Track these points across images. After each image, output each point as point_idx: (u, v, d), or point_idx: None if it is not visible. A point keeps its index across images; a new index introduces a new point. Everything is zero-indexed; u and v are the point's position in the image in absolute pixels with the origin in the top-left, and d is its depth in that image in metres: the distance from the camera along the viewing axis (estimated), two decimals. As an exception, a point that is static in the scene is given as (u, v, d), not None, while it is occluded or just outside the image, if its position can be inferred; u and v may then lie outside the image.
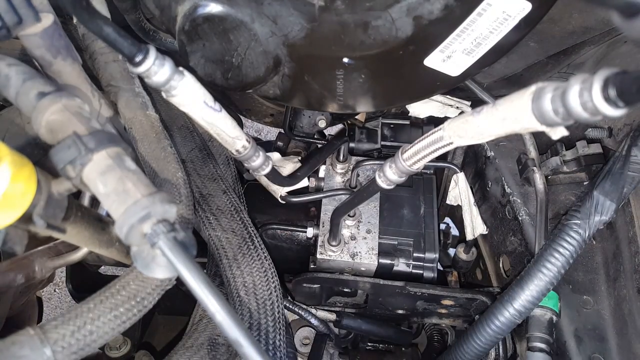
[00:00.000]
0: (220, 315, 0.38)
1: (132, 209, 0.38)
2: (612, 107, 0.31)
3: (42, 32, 0.55)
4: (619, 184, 0.67)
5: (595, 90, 0.31)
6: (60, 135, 0.41)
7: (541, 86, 0.36)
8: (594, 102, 0.32)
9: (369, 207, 0.88)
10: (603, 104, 0.31)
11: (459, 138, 0.45)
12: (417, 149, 0.50)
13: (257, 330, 0.60)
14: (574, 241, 0.67)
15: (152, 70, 0.45)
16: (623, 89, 0.30)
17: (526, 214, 0.85)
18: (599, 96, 0.31)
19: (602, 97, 0.31)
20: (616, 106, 0.31)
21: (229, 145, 0.59)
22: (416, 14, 0.57)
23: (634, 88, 0.29)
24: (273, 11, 0.58)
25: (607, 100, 0.31)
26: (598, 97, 0.31)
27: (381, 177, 0.57)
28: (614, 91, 0.30)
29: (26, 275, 0.64)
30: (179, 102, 0.50)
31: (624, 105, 0.31)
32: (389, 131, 1.03)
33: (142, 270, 0.42)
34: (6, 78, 0.48)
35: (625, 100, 0.30)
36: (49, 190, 0.42)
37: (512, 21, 0.58)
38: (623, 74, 0.30)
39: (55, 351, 0.41)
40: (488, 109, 0.41)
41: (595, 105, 0.32)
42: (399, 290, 0.81)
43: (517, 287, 0.69)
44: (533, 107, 0.36)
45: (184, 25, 0.59)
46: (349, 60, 0.64)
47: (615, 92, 0.30)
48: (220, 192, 0.77)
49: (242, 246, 0.69)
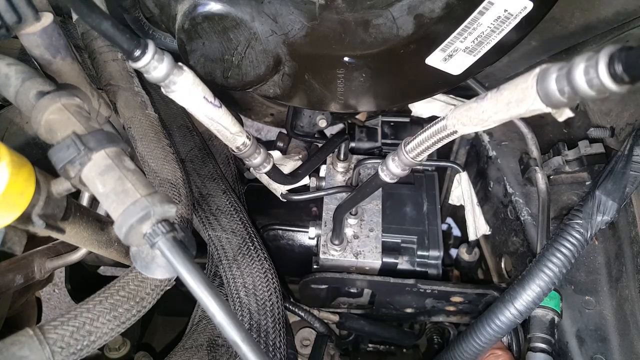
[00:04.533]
0: (219, 316, 0.37)
1: (131, 209, 0.37)
2: (619, 83, 0.31)
3: (42, 31, 0.54)
4: (621, 183, 0.66)
5: (601, 66, 0.31)
6: (60, 134, 0.41)
7: (545, 67, 0.36)
8: (600, 79, 0.31)
9: (372, 206, 0.88)
10: (609, 81, 0.31)
11: (463, 126, 0.44)
12: (421, 139, 0.49)
13: (257, 331, 0.60)
14: (576, 241, 0.67)
15: (151, 65, 0.44)
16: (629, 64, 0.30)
17: (528, 214, 0.85)
18: (605, 72, 0.31)
19: (608, 74, 0.31)
20: (622, 82, 0.31)
21: (229, 142, 0.58)
22: (417, 12, 0.57)
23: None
24: (273, 10, 0.57)
25: (613, 76, 0.31)
26: (604, 74, 0.31)
27: (384, 171, 0.56)
28: (620, 67, 0.30)
29: (25, 276, 0.64)
30: (179, 98, 0.49)
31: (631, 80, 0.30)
32: (389, 129, 1.02)
33: (142, 270, 0.41)
34: (5, 77, 0.48)
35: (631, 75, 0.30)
36: (48, 190, 0.42)
37: (514, 20, 0.58)
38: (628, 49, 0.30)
39: (55, 352, 0.41)
40: (492, 94, 0.40)
41: (602, 82, 0.31)
42: (409, 289, 0.80)
43: (518, 286, 0.69)
44: (538, 89, 0.36)
45: (183, 23, 0.59)
46: (349, 59, 0.63)
47: (621, 67, 0.30)
48: (220, 192, 0.77)
49: (242, 246, 0.69)
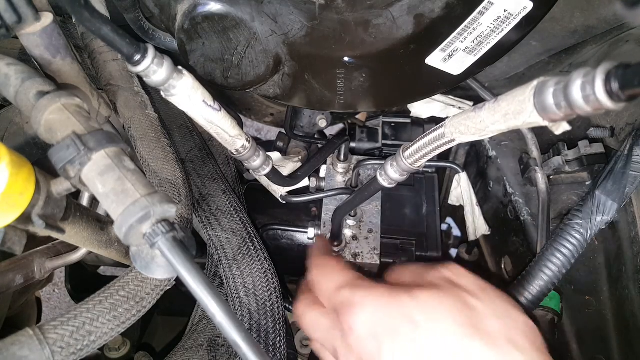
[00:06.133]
0: (219, 316, 0.37)
1: (131, 209, 0.37)
2: (615, 100, 0.31)
3: (42, 31, 0.54)
4: (621, 183, 0.66)
5: (598, 83, 0.31)
6: (59, 134, 0.41)
7: (543, 80, 0.36)
8: (597, 96, 0.31)
9: (371, 207, 0.88)
10: (605, 98, 0.31)
11: (461, 135, 0.45)
12: (419, 146, 0.50)
13: (257, 331, 0.60)
14: (576, 241, 0.67)
15: (151, 70, 0.45)
16: (625, 81, 0.30)
17: (528, 214, 0.85)
18: (602, 90, 0.31)
19: (604, 91, 0.31)
20: (619, 99, 0.31)
21: (228, 145, 0.58)
22: (417, 12, 0.57)
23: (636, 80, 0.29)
24: (273, 10, 0.57)
25: (610, 94, 0.31)
26: (600, 91, 0.31)
27: (382, 176, 0.56)
28: (616, 84, 0.30)
29: (25, 276, 0.64)
30: (178, 102, 0.49)
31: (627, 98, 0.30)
32: (390, 130, 1.02)
33: (142, 270, 0.41)
34: (5, 77, 0.48)
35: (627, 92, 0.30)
36: (48, 190, 0.42)
37: (514, 20, 0.58)
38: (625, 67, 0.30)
39: (54, 352, 0.41)
40: (490, 105, 0.41)
41: (598, 99, 0.31)
42: None
43: (518, 286, 0.69)
44: (535, 102, 0.36)
45: (183, 23, 0.59)
46: (349, 59, 0.63)
47: (617, 85, 0.30)
48: (220, 192, 0.77)
49: (242, 246, 0.69)
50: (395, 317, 0.48)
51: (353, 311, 0.50)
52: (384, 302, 0.50)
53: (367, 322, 0.49)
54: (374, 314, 0.50)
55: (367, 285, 0.53)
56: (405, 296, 0.50)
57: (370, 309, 0.50)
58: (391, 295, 0.51)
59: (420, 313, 0.48)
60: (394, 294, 0.50)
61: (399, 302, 0.49)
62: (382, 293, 0.51)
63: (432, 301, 0.49)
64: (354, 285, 0.53)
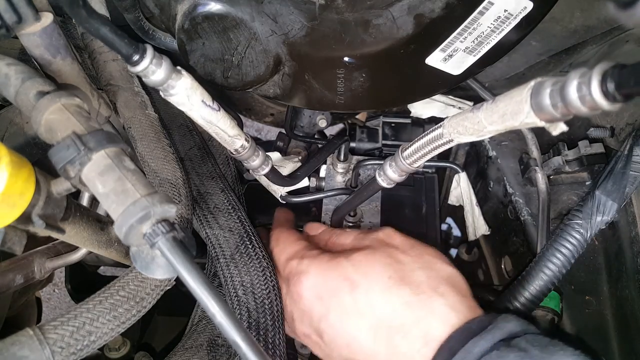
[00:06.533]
0: (219, 316, 0.37)
1: (131, 209, 0.37)
2: (611, 100, 0.31)
3: (42, 31, 0.54)
4: (621, 183, 0.66)
5: (594, 84, 0.31)
6: (60, 134, 0.41)
7: (540, 81, 0.36)
8: (593, 96, 0.31)
9: (370, 207, 0.88)
10: (601, 98, 0.31)
11: (459, 135, 0.45)
12: (417, 147, 0.50)
13: (256, 329, 0.60)
14: (576, 241, 0.67)
15: (150, 70, 0.45)
16: (621, 82, 0.30)
17: (528, 214, 0.85)
18: (597, 90, 0.31)
19: (600, 91, 0.31)
20: (614, 100, 0.31)
21: (227, 145, 0.58)
22: (417, 12, 0.57)
23: (632, 81, 0.29)
24: (273, 10, 0.57)
25: (606, 94, 0.31)
26: (596, 91, 0.31)
27: (381, 176, 0.57)
28: (612, 85, 0.30)
29: (25, 276, 0.64)
30: (177, 101, 0.49)
31: (623, 99, 0.30)
32: (390, 130, 1.02)
33: (142, 270, 0.41)
34: (5, 77, 0.48)
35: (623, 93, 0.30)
36: (48, 190, 0.42)
37: (514, 20, 0.58)
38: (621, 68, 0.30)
39: (54, 352, 0.41)
40: (487, 105, 0.41)
41: (594, 99, 0.31)
42: None
43: (517, 286, 0.69)
44: (532, 102, 0.36)
45: (183, 23, 0.59)
46: (349, 59, 0.63)
47: (613, 85, 0.30)
48: (218, 190, 0.77)
49: (239, 245, 0.69)
50: (335, 279, 0.55)
51: (300, 279, 0.58)
52: (326, 267, 0.57)
53: (312, 287, 0.57)
54: (317, 279, 0.57)
55: (312, 254, 0.60)
56: (343, 259, 0.56)
57: (314, 275, 0.57)
58: (331, 260, 0.57)
59: (355, 272, 0.55)
60: (333, 259, 0.57)
61: (338, 266, 0.56)
62: (324, 260, 0.58)
63: (366, 261, 0.56)
64: (301, 256, 0.61)
